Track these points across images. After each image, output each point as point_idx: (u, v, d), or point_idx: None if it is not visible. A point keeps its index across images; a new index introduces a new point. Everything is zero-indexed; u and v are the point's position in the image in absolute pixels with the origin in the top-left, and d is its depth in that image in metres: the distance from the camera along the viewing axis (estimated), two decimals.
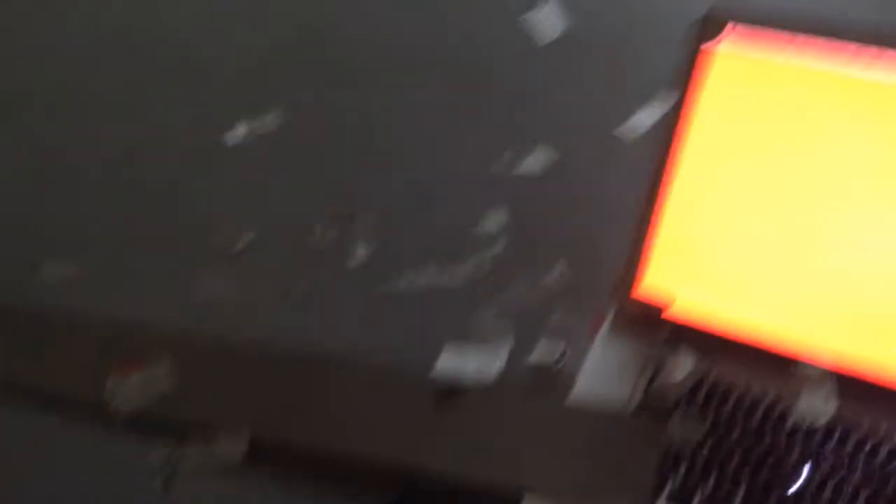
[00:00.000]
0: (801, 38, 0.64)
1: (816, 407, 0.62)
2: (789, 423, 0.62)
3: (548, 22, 0.93)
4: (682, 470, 0.61)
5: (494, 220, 0.81)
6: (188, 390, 0.69)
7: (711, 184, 0.68)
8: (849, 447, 0.61)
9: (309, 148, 0.92)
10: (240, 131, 0.91)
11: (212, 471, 0.65)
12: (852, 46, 0.63)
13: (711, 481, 0.60)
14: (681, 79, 0.68)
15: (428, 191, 0.86)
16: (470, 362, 0.69)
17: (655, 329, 0.68)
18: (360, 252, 0.80)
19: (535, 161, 0.85)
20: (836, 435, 0.61)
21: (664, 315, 0.68)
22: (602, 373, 0.67)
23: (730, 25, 0.66)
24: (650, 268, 0.69)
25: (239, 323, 0.75)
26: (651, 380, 0.65)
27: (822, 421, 0.62)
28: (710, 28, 0.67)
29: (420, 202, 0.85)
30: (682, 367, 0.65)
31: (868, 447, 0.60)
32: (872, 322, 0.63)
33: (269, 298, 0.78)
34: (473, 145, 0.89)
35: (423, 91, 0.95)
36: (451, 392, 0.66)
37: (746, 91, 0.66)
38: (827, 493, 0.59)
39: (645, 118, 0.87)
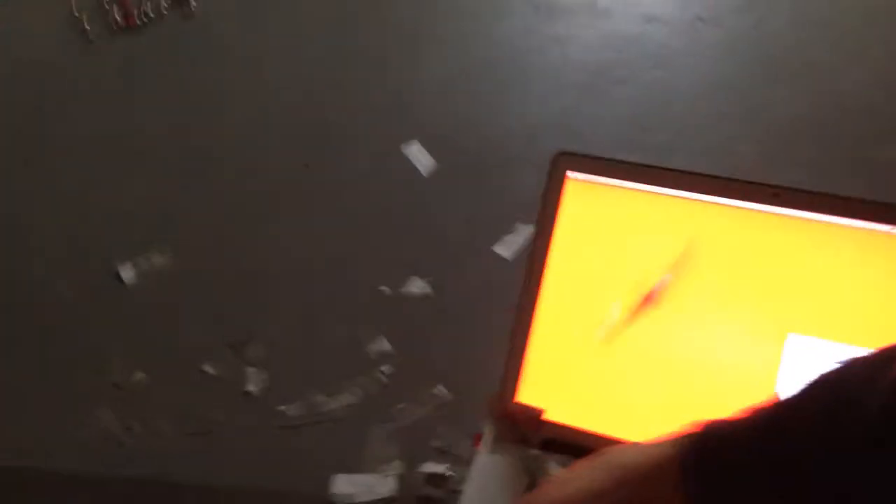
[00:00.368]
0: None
1: None
2: None
3: (420, 158, 1.03)
4: None
5: (378, 345, 0.87)
6: None
7: (573, 302, 0.76)
8: None
9: (199, 281, 0.97)
10: (130, 269, 0.96)
11: None
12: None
13: None
14: (541, 207, 0.78)
15: (315, 317, 0.92)
16: (363, 484, 0.74)
17: (531, 440, 0.75)
18: (253, 381, 0.85)
19: (414, 287, 0.93)
20: None
21: (538, 427, 0.75)
22: (486, 484, 0.73)
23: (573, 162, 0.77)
24: (523, 384, 0.76)
25: (133, 457, 0.79)
26: (530, 488, 0.72)
27: None
28: (560, 164, 0.77)
29: (308, 328, 0.91)
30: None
31: None
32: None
33: (165, 431, 0.82)
34: (355, 275, 0.96)
35: (305, 221, 1.02)
36: None
37: (597, 213, 0.76)
38: None
39: (511, 242, 0.96)
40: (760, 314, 0.72)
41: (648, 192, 0.75)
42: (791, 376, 0.71)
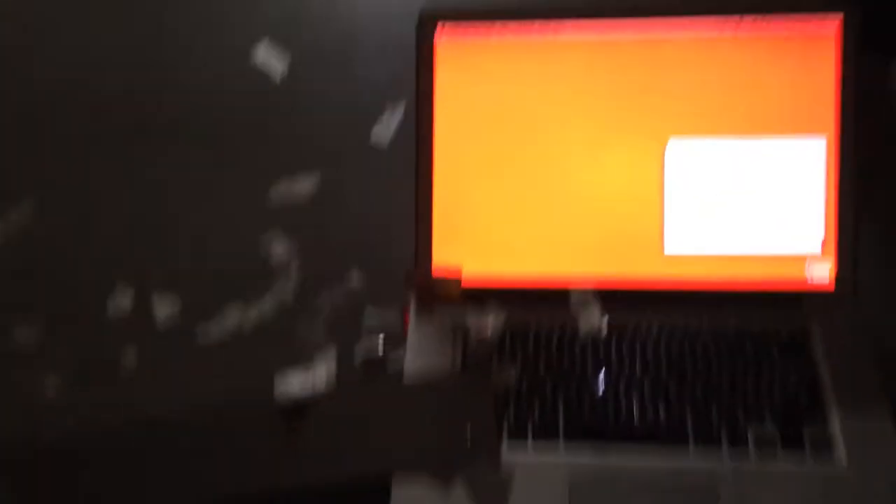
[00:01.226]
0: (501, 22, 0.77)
1: (592, 322, 0.76)
2: (578, 343, 0.75)
3: (269, 61, 1.00)
4: (511, 410, 0.72)
5: (281, 247, 0.87)
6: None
7: (466, 161, 0.79)
8: (626, 344, 0.75)
9: (75, 228, 0.92)
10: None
11: None
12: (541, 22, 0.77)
13: (536, 410, 0.71)
14: (417, 76, 0.78)
15: (209, 235, 0.89)
16: (303, 378, 0.75)
17: (455, 299, 0.78)
18: (162, 309, 0.82)
19: (305, 186, 0.92)
20: (614, 338, 0.75)
21: (458, 286, 0.78)
22: (423, 350, 0.76)
23: (440, 23, 0.78)
24: (436, 250, 0.79)
25: (61, 414, 0.76)
26: (464, 343, 0.76)
27: (600, 331, 0.75)
28: (427, 27, 0.78)
29: (204, 247, 0.88)
30: (486, 324, 0.76)
31: (639, 342, 0.75)
32: (612, 244, 0.77)
33: (84, 379, 0.79)
34: (238, 186, 0.93)
35: (171, 143, 0.98)
36: (297, 409, 0.73)
37: (473, 73, 0.78)
38: (622, 386, 0.72)
39: (391, 121, 0.96)
40: (640, 127, 0.77)
41: (521, 39, 0.78)
42: (676, 179, 0.77)
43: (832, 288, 0.75)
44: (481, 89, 0.78)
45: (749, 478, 0.66)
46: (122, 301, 0.84)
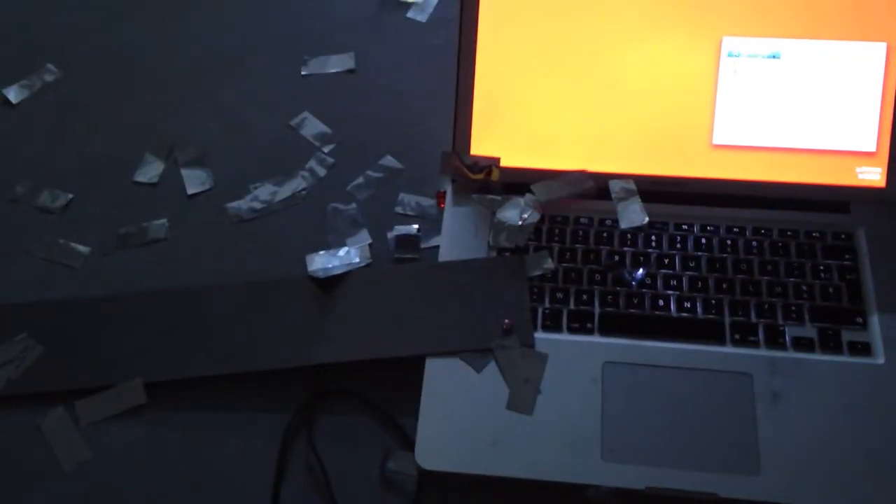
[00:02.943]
0: None
1: (633, 215, 0.74)
2: (617, 234, 0.74)
3: None
4: (547, 299, 0.71)
5: (314, 128, 0.84)
6: (58, 359, 0.70)
7: (510, 46, 0.76)
8: (665, 240, 0.73)
9: (109, 90, 0.89)
10: (18, 90, 0.88)
11: (117, 414, 0.68)
12: None
13: (572, 300, 0.70)
14: None
15: (240, 111, 0.87)
16: (337, 257, 0.74)
17: (492, 187, 0.76)
18: (192, 183, 0.81)
19: (336, 65, 0.89)
20: (654, 232, 0.74)
21: (497, 175, 0.76)
22: (459, 236, 0.75)
23: None
24: (474, 139, 0.77)
25: (86, 279, 0.75)
26: (500, 228, 0.74)
27: (640, 223, 0.74)
28: None
29: (235, 123, 0.86)
30: (523, 211, 0.75)
31: (679, 237, 0.74)
32: (657, 138, 0.75)
33: (114, 247, 0.78)
34: (271, 62, 0.90)
35: (205, 12, 0.95)
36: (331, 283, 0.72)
37: None
38: (659, 280, 0.71)
39: (424, 5, 0.93)
40: (695, 21, 0.74)
41: None
42: (730, 77, 0.74)
43: (882, 189, 0.73)
44: None
45: (784, 365, 0.66)
46: (150, 171, 0.82)
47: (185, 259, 0.77)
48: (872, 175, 0.74)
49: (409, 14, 0.93)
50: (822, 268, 0.71)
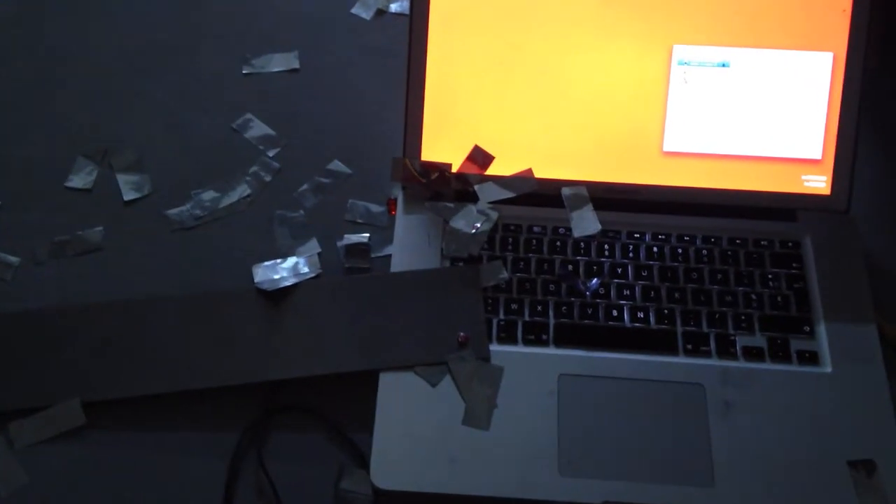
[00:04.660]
0: None
1: (586, 223, 0.74)
2: (570, 242, 0.73)
3: None
4: (501, 310, 0.70)
5: (257, 130, 0.81)
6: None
7: (462, 51, 0.74)
8: (618, 249, 0.73)
9: (37, 88, 0.84)
10: None
11: (53, 436, 0.64)
12: None
13: (526, 311, 0.70)
14: None
15: (179, 112, 0.83)
16: (285, 268, 0.72)
17: (444, 194, 0.75)
18: (130, 189, 0.77)
19: (279, 64, 0.86)
20: (607, 241, 0.74)
21: (449, 181, 0.75)
22: (411, 244, 0.73)
23: None
24: (426, 141, 0.75)
25: (17, 292, 0.71)
26: (453, 237, 0.73)
27: (593, 232, 0.73)
28: None
29: (174, 125, 0.82)
30: (475, 219, 0.73)
31: (632, 246, 0.74)
32: (608, 145, 0.75)
33: (46, 258, 0.74)
34: (211, 60, 0.87)
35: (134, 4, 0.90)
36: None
37: None
38: (613, 290, 0.71)
39: (368, 3, 0.90)
40: (645, 30, 0.74)
41: None
42: (680, 85, 0.74)
43: (827, 196, 0.74)
44: None
45: (735, 375, 0.67)
46: (84, 176, 0.78)
47: (123, 270, 0.73)
48: (818, 183, 0.75)
49: (354, 10, 0.90)
50: (770, 276, 0.72)
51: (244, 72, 0.85)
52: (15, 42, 0.87)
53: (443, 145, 0.75)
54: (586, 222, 0.73)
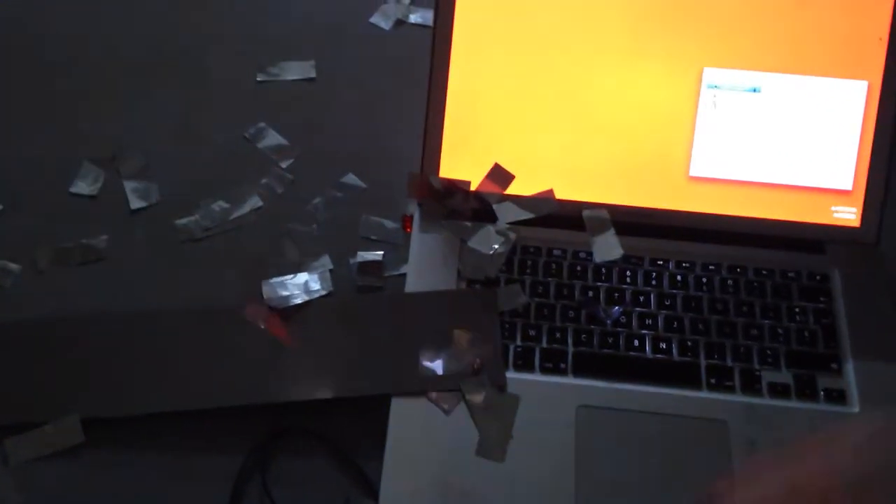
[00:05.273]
0: None
1: (607, 248, 0.71)
2: (591, 267, 0.71)
3: None
4: (518, 336, 0.67)
5: (271, 140, 0.79)
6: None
7: (485, 65, 0.72)
8: (640, 275, 0.71)
9: (46, 87, 0.82)
10: None
11: (50, 454, 0.62)
12: None
13: (544, 338, 0.67)
14: None
15: (190, 119, 0.81)
16: (295, 285, 0.69)
17: (462, 212, 0.73)
18: (137, 196, 0.74)
19: (295, 72, 0.84)
20: (629, 267, 0.71)
21: (467, 199, 0.73)
22: (427, 262, 0.71)
23: None
24: (445, 157, 0.73)
25: (18, 300, 0.68)
26: (470, 257, 0.70)
27: (615, 257, 0.71)
28: None
29: (185, 132, 0.80)
30: (494, 240, 0.71)
31: (655, 273, 0.71)
32: (633, 168, 0.73)
33: (47, 265, 0.71)
34: (226, 67, 0.85)
35: (153, 6, 0.88)
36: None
37: None
38: (635, 319, 0.69)
39: (388, 12, 0.88)
40: (675, 50, 0.71)
41: None
42: (709, 109, 0.72)
43: (856, 229, 0.72)
44: None
45: (760, 412, 0.64)
46: (89, 182, 0.76)
47: (127, 281, 0.71)
48: (848, 214, 0.73)
49: (373, 20, 0.88)
50: (797, 310, 0.69)
51: (258, 79, 0.83)
52: (23, 41, 0.85)
53: (462, 162, 0.73)
54: (608, 247, 0.71)
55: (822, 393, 0.65)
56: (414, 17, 0.88)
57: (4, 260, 0.71)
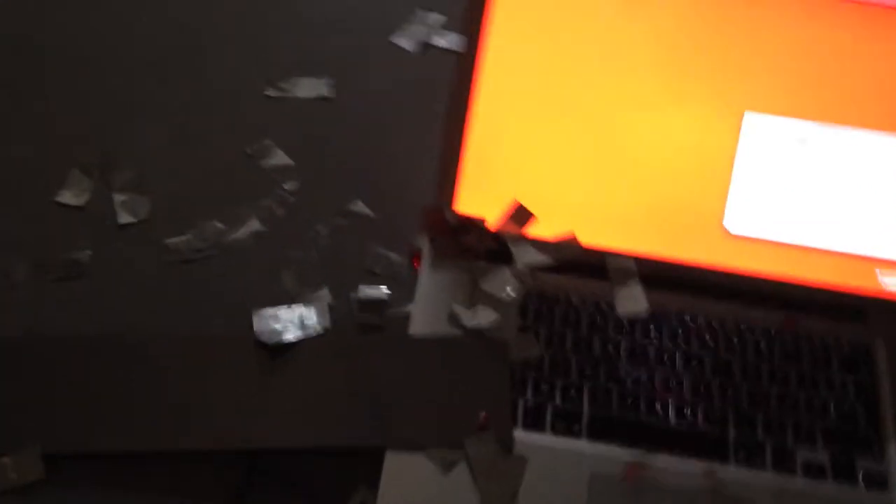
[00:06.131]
0: None
1: (631, 300, 0.66)
2: (613, 320, 0.65)
3: None
4: (529, 391, 0.61)
5: (275, 159, 0.74)
6: None
7: (510, 95, 0.67)
8: (666, 333, 0.65)
9: (36, 86, 0.77)
10: None
11: (4, 490, 0.56)
12: None
13: (558, 395, 0.61)
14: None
15: (191, 131, 0.75)
16: (289, 318, 0.64)
17: (476, 251, 0.67)
18: (126, 210, 0.69)
19: (307, 89, 0.79)
20: (654, 323, 0.65)
21: (482, 238, 0.67)
22: (435, 303, 0.65)
23: None
24: (462, 191, 0.67)
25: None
26: (482, 301, 0.65)
27: (640, 311, 0.65)
28: None
29: (184, 145, 0.75)
30: (508, 283, 0.65)
31: (682, 331, 0.65)
32: (663, 215, 0.67)
33: (23, 279, 0.65)
34: (234, 79, 0.79)
35: (161, 8, 0.83)
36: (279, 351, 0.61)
37: (532, 5, 0.65)
38: (657, 381, 0.63)
39: (412, 32, 0.83)
40: (715, 92, 0.66)
41: None
42: (749, 158, 0.67)
43: None
44: (544, 15, 0.66)
45: (792, 493, 0.58)
46: (76, 191, 0.70)
47: (108, 301, 0.65)
48: (894, 283, 0.67)
49: (394, 39, 0.83)
50: (836, 382, 0.63)
51: (267, 93, 0.78)
52: (21, 40, 0.80)
53: (479, 197, 0.68)
54: (632, 300, 0.65)
55: (861, 476, 0.59)
56: (439, 40, 0.83)
57: None
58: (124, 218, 0.69)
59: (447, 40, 0.82)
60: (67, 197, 0.70)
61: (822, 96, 0.65)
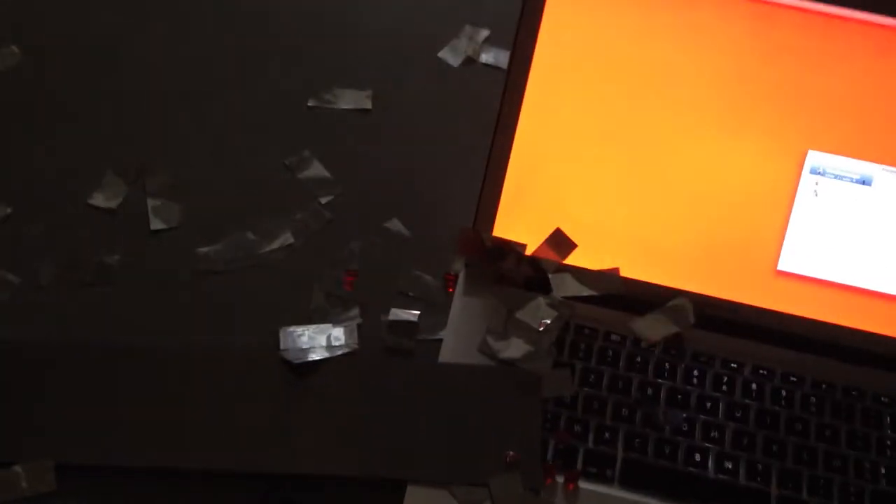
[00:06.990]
0: None
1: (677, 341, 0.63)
2: (654, 361, 0.62)
3: None
4: (561, 430, 0.58)
5: (313, 172, 0.72)
6: None
7: (559, 119, 0.64)
8: (709, 378, 0.62)
9: (76, 85, 0.76)
10: None
11: (14, 500, 0.54)
12: None
13: (591, 437, 0.58)
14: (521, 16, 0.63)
15: (229, 140, 0.74)
16: (317, 337, 0.61)
17: (513, 279, 0.65)
18: (159, 217, 0.68)
19: (350, 101, 0.77)
20: (697, 366, 0.62)
21: (521, 264, 0.64)
22: (467, 330, 0.63)
23: None
24: (501, 215, 0.65)
25: (15, 317, 0.62)
26: (516, 332, 0.62)
27: (682, 353, 0.62)
28: None
29: (221, 154, 0.73)
30: (545, 314, 0.63)
31: (727, 377, 0.62)
32: (713, 253, 0.64)
33: (52, 282, 0.64)
34: (275, 88, 0.78)
35: (206, 20, 0.82)
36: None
37: (589, 14, 0.62)
38: (698, 428, 0.59)
39: (458, 48, 0.81)
40: (777, 127, 0.63)
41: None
42: (808, 197, 0.63)
43: None
44: (596, 37, 0.63)
45: None
46: (110, 194, 0.69)
47: (134, 308, 0.64)
48: None
49: (441, 54, 0.81)
50: (889, 443, 0.60)
51: (309, 104, 0.76)
52: (65, 29, 0.79)
53: (519, 222, 0.65)
54: (677, 342, 0.62)
55: None
56: (486, 57, 0.80)
57: (3, 270, 0.64)
58: (156, 224, 0.68)
59: (493, 56, 0.80)
60: (100, 199, 0.69)
61: (888, 138, 0.62)
